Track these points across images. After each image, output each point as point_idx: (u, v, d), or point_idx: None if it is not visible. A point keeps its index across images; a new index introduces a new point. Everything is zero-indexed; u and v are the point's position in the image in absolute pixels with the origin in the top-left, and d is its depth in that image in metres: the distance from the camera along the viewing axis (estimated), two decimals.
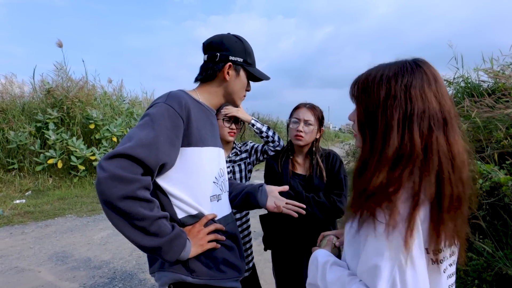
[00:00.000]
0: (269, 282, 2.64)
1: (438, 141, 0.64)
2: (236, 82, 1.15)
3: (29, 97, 7.78)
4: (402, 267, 0.59)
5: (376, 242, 0.62)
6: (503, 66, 3.36)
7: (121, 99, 9.29)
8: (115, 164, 0.85)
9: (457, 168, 0.65)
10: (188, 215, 1.03)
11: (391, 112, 0.67)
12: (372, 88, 0.71)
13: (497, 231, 1.97)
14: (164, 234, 0.91)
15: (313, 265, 0.84)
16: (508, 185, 1.69)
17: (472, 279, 1.86)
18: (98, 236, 4.04)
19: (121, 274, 3.03)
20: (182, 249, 0.95)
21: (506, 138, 2.11)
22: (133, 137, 0.91)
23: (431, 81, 0.68)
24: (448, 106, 0.68)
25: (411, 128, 0.65)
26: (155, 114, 0.96)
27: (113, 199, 0.83)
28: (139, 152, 0.87)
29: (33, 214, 4.91)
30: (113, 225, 0.87)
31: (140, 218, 0.86)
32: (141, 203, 0.87)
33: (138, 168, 0.88)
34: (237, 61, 1.13)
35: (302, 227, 1.59)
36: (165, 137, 0.94)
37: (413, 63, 0.71)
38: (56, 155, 6.53)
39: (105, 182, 0.83)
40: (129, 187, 0.84)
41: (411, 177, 0.63)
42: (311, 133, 1.60)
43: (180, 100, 1.01)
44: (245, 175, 1.74)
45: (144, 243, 0.89)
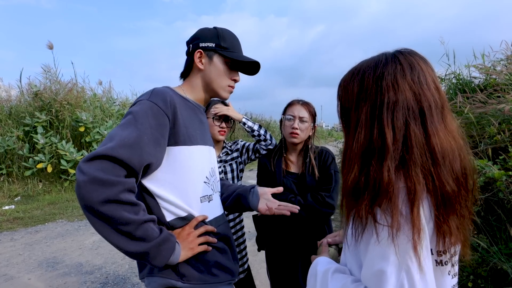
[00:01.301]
0: (264, 283, 2.61)
1: (416, 133, 0.60)
2: (211, 69, 1.09)
3: (16, 101, 7.62)
4: (410, 272, 0.55)
5: (381, 247, 0.58)
6: (494, 62, 3.39)
7: (111, 101, 9.16)
8: (95, 166, 0.80)
9: (441, 161, 0.60)
10: (177, 217, 0.99)
11: (361, 106, 0.65)
12: (350, 83, 0.70)
13: (491, 226, 1.98)
14: (151, 238, 0.86)
15: (312, 275, 0.78)
16: (502, 180, 1.69)
17: (467, 274, 1.86)
18: (90, 241, 3.96)
19: (113, 278, 2.96)
20: (171, 254, 0.91)
21: (499, 133, 2.12)
22: (115, 137, 0.85)
23: (405, 70, 0.64)
24: (429, 96, 0.63)
25: (381, 120, 0.62)
26: (138, 112, 0.91)
27: (94, 204, 0.78)
28: (121, 152, 0.82)
29: (23, 220, 4.80)
30: (96, 231, 0.82)
31: (125, 223, 0.81)
32: (125, 206, 0.82)
33: (121, 170, 0.83)
34: (207, 46, 1.07)
35: (296, 227, 1.57)
36: (149, 136, 0.89)
37: (391, 54, 0.68)
38: (45, 159, 6.40)
39: (84, 186, 0.77)
40: (111, 191, 0.79)
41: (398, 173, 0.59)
42: (306, 130, 1.58)
43: (165, 97, 0.96)
44: (237, 174, 1.70)
45: (130, 249, 0.84)
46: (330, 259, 0.83)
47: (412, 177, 0.58)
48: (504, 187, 1.71)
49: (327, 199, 1.49)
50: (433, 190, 0.59)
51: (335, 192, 1.53)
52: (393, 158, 0.60)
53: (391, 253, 0.56)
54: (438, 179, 0.59)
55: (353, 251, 0.69)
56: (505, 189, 1.71)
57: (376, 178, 0.60)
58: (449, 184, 0.60)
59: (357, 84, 0.68)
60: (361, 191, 0.62)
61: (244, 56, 1.13)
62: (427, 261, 0.57)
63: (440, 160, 0.60)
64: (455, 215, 0.61)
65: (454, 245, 0.65)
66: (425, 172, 0.59)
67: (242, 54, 1.14)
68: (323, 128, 36.09)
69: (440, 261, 0.64)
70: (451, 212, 0.60)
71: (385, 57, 0.67)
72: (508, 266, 1.65)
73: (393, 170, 0.59)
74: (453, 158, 0.62)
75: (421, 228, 0.56)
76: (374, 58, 0.70)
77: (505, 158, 1.88)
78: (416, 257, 0.56)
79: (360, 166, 0.63)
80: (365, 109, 0.65)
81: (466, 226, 0.66)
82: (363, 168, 0.63)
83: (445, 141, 0.62)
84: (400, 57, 0.66)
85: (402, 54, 0.67)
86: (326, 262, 0.79)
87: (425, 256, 0.57)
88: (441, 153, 0.61)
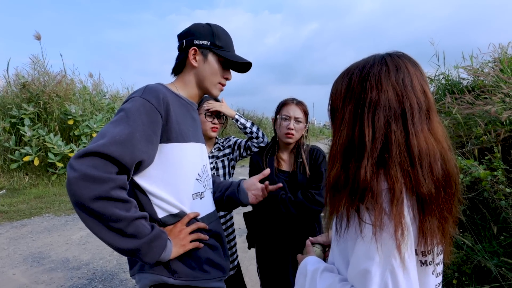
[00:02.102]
0: (253, 280, 2.62)
1: (395, 133, 0.61)
2: (205, 67, 1.09)
3: (3, 92, 7.41)
4: (394, 272, 0.56)
5: (366, 245, 0.59)
6: (482, 64, 3.46)
7: (102, 94, 9.00)
8: (87, 163, 0.79)
9: (418, 162, 0.61)
10: (168, 214, 0.99)
11: (346, 105, 0.67)
12: (338, 84, 0.72)
13: (476, 225, 2.02)
14: (143, 235, 0.86)
15: (301, 274, 0.79)
16: (488, 180, 1.73)
17: (452, 272, 1.90)
18: (77, 236, 3.90)
19: (101, 274, 2.93)
20: (163, 250, 0.91)
21: (485, 134, 2.16)
22: (106, 134, 0.85)
23: (391, 71, 0.65)
24: (412, 98, 0.63)
25: (362, 119, 0.64)
26: (131, 109, 0.90)
27: (85, 200, 0.78)
28: (113, 149, 0.82)
29: (8, 213, 4.70)
30: (87, 228, 0.82)
31: (116, 220, 0.81)
32: (116, 203, 0.82)
33: (113, 166, 0.83)
34: (202, 44, 1.08)
35: (286, 225, 1.57)
36: (141, 133, 0.89)
37: (380, 55, 0.69)
38: (32, 152, 6.27)
39: (75, 183, 0.77)
40: (102, 187, 0.79)
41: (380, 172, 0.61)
42: (301, 130, 1.60)
43: (158, 94, 0.96)
44: (228, 171, 1.70)
45: (121, 245, 0.84)
46: (319, 259, 0.84)
47: (392, 176, 0.59)
48: (489, 186, 1.74)
49: (317, 196, 1.50)
50: (410, 190, 0.60)
51: (325, 190, 1.53)
52: (370, 156, 0.61)
53: (376, 253, 0.57)
54: (414, 179, 0.60)
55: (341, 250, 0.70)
56: (490, 189, 1.75)
57: (354, 175, 0.61)
58: (426, 185, 0.60)
59: (345, 84, 0.70)
60: (341, 188, 0.63)
61: (238, 56, 1.14)
62: (411, 261, 0.58)
63: (416, 160, 0.61)
64: (433, 216, 0.61)
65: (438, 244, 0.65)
66: (404, 171, 0.60)
67: (235, 53, 1.15)
68: (314, 125, 36.29)
69: (424, 261, 0.65)
70: (428, 213, 0.61)
71: (373, 59, 0.69)
72: (491, 264, 1.69)
73: (371, 168, 0.60)
74: (433, 160, 0.62)
75: (404, 226, 0.57)
76: (364, 59, 0.71)
77: (490, 158, 1.92)
78: (400, 256, 0.57)
79: (341, 163, 0.65)
80: (349, 108, 0.67)
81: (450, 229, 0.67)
82: (343, 165, 0.64)
83: (425, 142, 0.62)
84: (388, 59, 0.67)
85: (391, 56, 0.68)
86: (316, 262, 0.80)
87: (409, 255, 0.58)
88: (419, 154, 0.61)
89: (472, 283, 1.82)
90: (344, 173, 0.63)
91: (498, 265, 1.71)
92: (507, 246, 1.83)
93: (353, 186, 0.61)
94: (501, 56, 3.21)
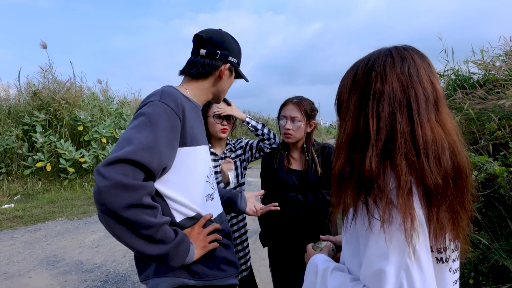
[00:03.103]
0: (264, 280, 2.61)
1: (400, 123, 0.61)
2: (227, 82, 1.16)
3: (15, 100, 7.57)
4: (409, 271, 0.55)
5: (379, 244, 0.57)
6: (493, 57, 3.38)
7: (109, 99, 9.12)
8: (117, 170, 0.78)
9: (423, 152, 0.59)
10: (186, 217, 0.99)
11: (351, 97, 0.67)
12: (345, 79, 0.72)
13: (492, 223, 1.97)
14: (170, 240, 0.87)
15: (311, 271, 0.79)
16: (503, 176, 1.68)
17: (468, 271, 1.86)
18: (90, 239, 3.96)
19: (114, 277, 2.96)
20: (187, 253, 0.92)
21: (500, 129, 2.11)
22: (132, 139, 0.84)
23: (396, 62, 0.64)
24: (418, 88, 0.62)
25: (366, 110, 0.63)
26: (153, 114, 0.90)
27: (118, 209, 0.77)
28: (142, 156, 0.82)
29: (23, 218, 4.80)
30: (113, 236, 0.81)
31: (147, 227, 0.81)
32: (146, 210, 0.82)
33: (141, 173, 0.83)
34: (233, 62, 1.13)
35: (300, 224, 1.57)
36: (165, 139, 0.89)
37: (386, 48, 0.69)
38: (44, 158, 6.39)
39: (107, 191, 0.76)
40: (134, 195, 0.79)
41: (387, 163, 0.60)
42: (299, 129, 1.57)
43: (176, 98, 0.97)
44: (240, 172, 1.70)
45: (151, 252, 0.84)
46: (329, 257, 0.83)
47: (397, 166, 0.59)
48: (505, 183, 1.70)
49: (327, 196, 1.48)
50: (416, 181, 0.59)
51: None
52: (375, 147, 0.60)
53: (390, 252, 0.56)
54: (419, 170, 0.59)
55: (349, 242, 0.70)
56: (506, 185, 1.70)
57: (359, 166, 0.61)
58: (431, 175, 0.59)
59: (351, 77, 0.69)
60: (346, 179, 0.63)
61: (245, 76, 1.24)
62: (427, 258, 0.57)
63: (422, 150, 0.60)
64: (441, 209, 0.60)
65: (454, 241, 0.64)
66: (410, 162, 0.59)
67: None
68: (320, 125, 36.08)
69: (440, 258, 0.64)
70: (435, 204, 0.59)
71: (379, 51, 0.68)
72: (509, 263, 1.65)
73: (376, 159, 0.60)
74: (441, 151, 0.61)
75: (413, 217, 0.56)
76: (370, 53, 0.70)
77: (505, 154, 1.88)
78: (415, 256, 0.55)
79: (346, 155, 0.65)
80: (354, 99, 0.66)
81: (464, 223, 0.65)
82: (349, 156, 0.64)
83: (431, 132, 0.61)
84: (393, 51, 0.67)
85: (397, 48, 0.67)
86: (326, 260, 0.79)
87: (424, 254, 0.57)
88: (424, 143, 0.60)
89: (490, 283, 1.77)
90: (349, 164, 0.63)
91: None
92: None
93: (358, 176, 0.61)
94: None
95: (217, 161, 1.63)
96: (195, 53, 1.11)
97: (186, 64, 1.13)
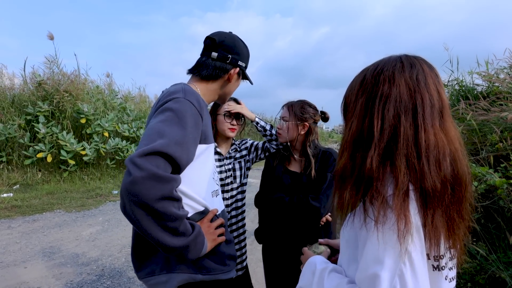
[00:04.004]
0: (260, 282, 2.61)
1: (404, 126, 0.62)
2: (235, 85, 1.21)
3: (20, 89, 7.59)
4: (403, 277, 0.55)
5: (374, 247, 0.58)
6: (497, 70, 3.39)
7: (114, 93, 9.14)
8: (151, 162, 0.79)
9: (424, 155, 0.61)
10: (196, 212, 1.01)
11: (358, 98, 0.69)
12: (353, 82, 0.74)
13: (490, 234, 1.97)
14: (189, 232, 0.89)
15: (309, 270, 0.80)
16: (503, 188, 1.69)
17: (464, 282, 1.86)
18: (87, 232, 3.96)
19: (109, 271, 2.97)
20: (203, 246, 0.94)
21: (501, 141, 2.11)
22: (164, 133, 0.85)
23: (405, 67, 0.66)
24: (424, 94, 0.64)
25: (372, 111, 0.65)
26: (180, 110, 0.92)
27: (150, 200, 0.77)
28: (175, 150, 0.83)
29: (21, 208, 4.80)
30: (138, 228, 0.81)
31: (174, 219, 0.83)
32: (174, 203, 0.84)
33: (170, 167, 0.84)
34: (242, 66, 1.17)
35: (289, 224, 1.58)
36: (191, 135, 0.92)
37: (396, 55, 0.71)
38: (45, 149, 6.40)
39: (142, 182, 0.76)
40: (167, 187, 0.80)
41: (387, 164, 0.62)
42: (288, 128, 1.59)
43: (198, 98, 1.01)
44: (244, 172, 1.71)
45: (174, 244, 0.85)
46: (326, 259, 0.84)
47: (396, 167, 0.60)
48: (505, 195, 1.70)
49: (311, 201, 1.48)
50: (414, 184, 0.60)
51: (324, 195, 1.50)
52: (378, 147, 0.62)
53: (385, 257, 0.56)
54: (419, 172, 0.60)
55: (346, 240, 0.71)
56: (506, 197, 1.71)
57: (360, 164, 0.63)
58: (430, 178, 0.60)
59: (359, 81, 0.71)
60: (347, 176, 0.66)
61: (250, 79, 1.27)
62: (421, 264, 0.57)
63: (423, 153, 0.61)
64: (437, 213, 0.60)
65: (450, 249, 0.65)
66: (409, 163, 0.61)
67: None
68: (323, 129, 36.04)
69: (437, 266, 0.64)
70: (431, 207, 0.60)
71: (388, 58, 0.71)
72: (506, 275, 1.65)
73: (377, 158, 0.61)
74: (442, 157, 0.62)
75: (407, 219, 0.57)
76: (380, 59, 0.72)
77: (506, 166, 1.88)
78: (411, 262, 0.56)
79: (350, 153, 0.67)
80: (361, 100, 0.68)
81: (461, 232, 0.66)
82: (351, 155, 0.66)
83: (434, 137, 0.62)
84: (403, 58, 0.69)
85: (406, 56, 0.70)
86: (324, 261, 0.80)
87: (420, 260, 0.57)
88: (426, 147, 0.61)
89: None
90: (351, 162, 0.65)
91: None
92: None
93: (358, 174, 0.63)
94: None
95: (221, 161, 1.64)
96: (206, 55, 1.14)
97: (196, 64, 1.16)
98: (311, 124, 1.62)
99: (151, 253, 1.01)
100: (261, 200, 1.67)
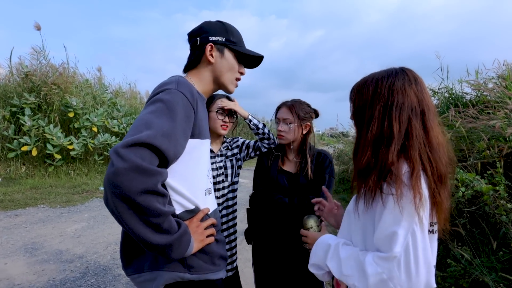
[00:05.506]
0: (248, 282, 2.60)
1: (416, 127, 0.81)
2: (223, 63, 1.10)
3: (5, 80, 7.38)
4: (415, 235, 0.75)
5: (392, 213, 0.76)
6: (486, 79, 3.48)
7: (104, 88, 8.98)
8: (135, 153, 0.76)
9: (434, 148, 0.81)
10: (185, 210, 0.98)
11: (375, 105, 0.84)
12: (364, 88, 0.89)
13: (475, 239, 2.02)
14: (174, 230, 0.85)
15: (321, 247, 0.95)
16: (489, 195, 1.72)
17: (449, 285, 1.89)
18: (72, 229, 3.87)
19: (94, 269, 2.90)
20: (188, 246, 0.90)
21: (488, 149, 2.16)
22: (152, 124, 0.82)
23: (411, 81, 0.85)
24: (426, 101, 0.84)
25: (390, 117, 0.82)
26: (171, 101, 0.88)
27: (132, 193, 0.74)
28: (161, 142, 0.80)
29: (3, 202, 4.66)
30: (119, 221, 0.78)
31: (157, 214, 0.79)
32: (158, 198, 0.80)
33: (156, 159, 0.80)
34: (218, 40, 1.09)
35: (285, 225, 1.57)
36: (181, 128, 0.88)
37: (398, 68, 0.89)
38: (31, 142, 6.24)
39: (125, 174, 0.73)
40: (151, 181, 0.76)
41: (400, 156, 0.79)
42: (292, 131, 1.59)
43: (191, 89, 0.97)
44: (235, 171, 1.70)
45: (156, 241, 0.81)
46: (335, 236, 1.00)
47: (411, 158, 0.78)
48: (491, 201, 1.74)
49: None
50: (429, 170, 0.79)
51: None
52: (397, 144, 0.80)
53: (403, 219, 0.74)
54: (434, 161, 0.80)
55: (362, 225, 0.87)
56: (491, 203, 1.75)
57: (383, 159, 0.80)
58: (443, 165, 0.82)
59: (372, 88, 0.87)
60: (372, 169, 0.82)
61: (252, 51, 1.15)
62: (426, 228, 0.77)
63: (436, 147, 0.82)
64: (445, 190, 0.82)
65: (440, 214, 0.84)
66: (422, 155, 0.79)
67: (247, 48, 1.16)
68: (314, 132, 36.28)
69: (431, 230, 0.83)
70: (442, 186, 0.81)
71: (394, 70, 0.88)
72: (489, 279, 1.69)
73: (396, 153, 0.79)
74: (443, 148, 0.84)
75: (421, 195, 0.75)
76: (385, 70, 0.89)
77: (492, 173, 1.92)
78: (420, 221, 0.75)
79: (372, 150, 0.83)
80: (378, 107, 0.84)
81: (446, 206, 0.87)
82: (374, 152, 0.82)
83: (439, 135, 0.84)
84: (407, 71, 0.87)
85: (407, 69, 0.88)
86: (334, 238, 0.97)
87: (426, 224, 0.77)
88: (437, 143, 0.82)
89: None
90: (374, 157, 0.82)
91: (496, 280, 1.70)
92: (505, 262, 1.82)
93: (381, 166, 0.79)
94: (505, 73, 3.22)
95: (213, 158, 1.62)
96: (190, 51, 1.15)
97: None
98: (311, 124, 1.63)
99: (140, 249, 0.99)
100: (259, 202, 1.65)
